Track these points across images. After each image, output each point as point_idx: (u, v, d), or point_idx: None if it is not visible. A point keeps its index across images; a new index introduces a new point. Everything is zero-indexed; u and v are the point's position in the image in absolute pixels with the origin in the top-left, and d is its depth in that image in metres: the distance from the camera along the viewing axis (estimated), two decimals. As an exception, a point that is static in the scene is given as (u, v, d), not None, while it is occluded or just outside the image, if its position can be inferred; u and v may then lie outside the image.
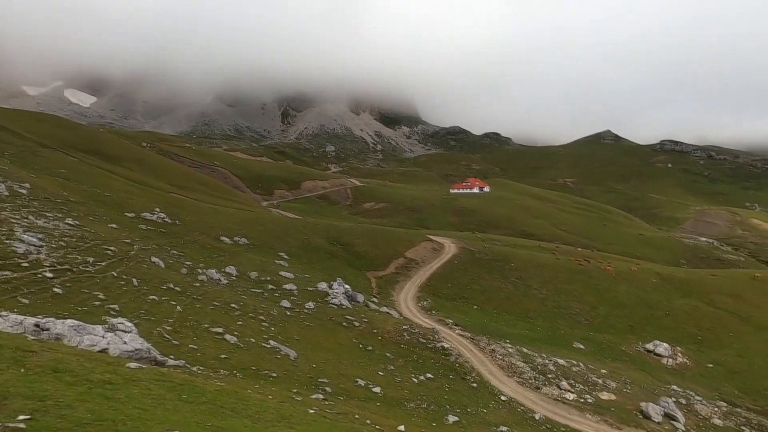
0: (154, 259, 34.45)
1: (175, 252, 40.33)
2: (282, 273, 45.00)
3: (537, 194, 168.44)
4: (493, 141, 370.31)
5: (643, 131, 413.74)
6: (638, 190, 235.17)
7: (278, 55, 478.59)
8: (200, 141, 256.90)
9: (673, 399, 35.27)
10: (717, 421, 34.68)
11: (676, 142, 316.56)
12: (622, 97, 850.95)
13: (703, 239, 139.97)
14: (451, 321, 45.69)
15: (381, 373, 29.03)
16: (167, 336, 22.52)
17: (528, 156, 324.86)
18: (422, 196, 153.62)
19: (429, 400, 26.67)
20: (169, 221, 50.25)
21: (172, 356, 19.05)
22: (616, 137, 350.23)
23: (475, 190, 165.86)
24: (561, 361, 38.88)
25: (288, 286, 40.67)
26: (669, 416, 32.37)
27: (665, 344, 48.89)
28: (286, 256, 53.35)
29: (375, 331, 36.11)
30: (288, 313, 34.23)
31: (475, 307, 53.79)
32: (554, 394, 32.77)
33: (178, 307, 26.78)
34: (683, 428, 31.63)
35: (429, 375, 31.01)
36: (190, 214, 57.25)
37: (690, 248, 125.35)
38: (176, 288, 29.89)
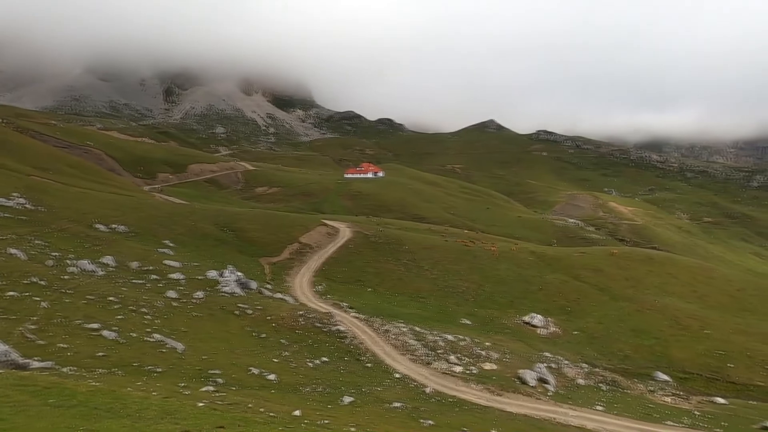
0: (12, 250, 30.61)
1: (39, 242, 36.14)
2: (167, 262, 42.31)
3: (427, 179, 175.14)
4: (387, 127, 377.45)
5: (522, 121, 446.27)
6: (518, 176, 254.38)
7: (158, 27, 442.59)
8: (69, 118, 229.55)
9: (546, 364, 39.14)
10: (580, 381, 39.21)
11: (549, 133, 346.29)
12: (505, 89, 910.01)
13: (571, 221, 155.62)
14: (346, 304, 46.26)
15: (275, 360, 28.67)
16: (31, 336, 20.22)
17: (419, 142, 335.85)
18: (317, 180, 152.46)
19: (325, 384, 26.89)
20: (31, 208, 44.81)
21: (37, 358, 17.20)
22: (499, 126, 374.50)
23: (369, 175, 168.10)
24: (450, 337, 41.25)
25: (174, 276, 38.39)
26: (542, 380, 35.92)
27: (539, 316, 53.97)
28: (171, 244, 50.17)
29: (269, 317, 35.47)
30: (174, 304, 32.36)
31: (370, 289, 54.97)
32: (443, 368, 34.75)
33: (44, 303, 24.11)
34: (553, 389, 35.30)
35: (324, 359, 31.23)
36: (57, 200, 51.45)
37: (560, 229, 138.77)
38: (41, 282, 26.88)
